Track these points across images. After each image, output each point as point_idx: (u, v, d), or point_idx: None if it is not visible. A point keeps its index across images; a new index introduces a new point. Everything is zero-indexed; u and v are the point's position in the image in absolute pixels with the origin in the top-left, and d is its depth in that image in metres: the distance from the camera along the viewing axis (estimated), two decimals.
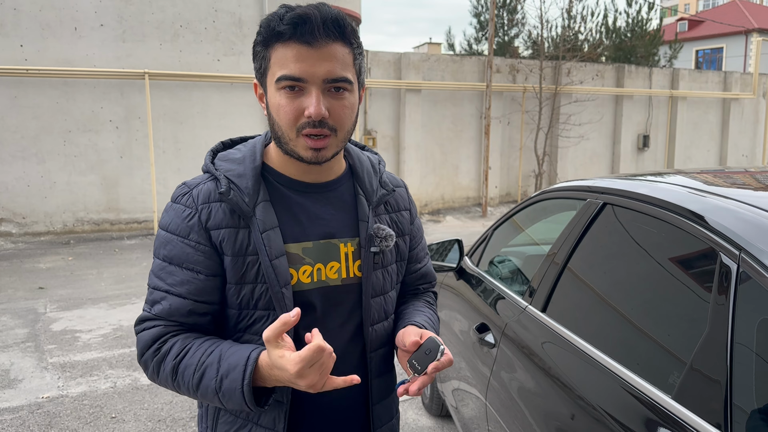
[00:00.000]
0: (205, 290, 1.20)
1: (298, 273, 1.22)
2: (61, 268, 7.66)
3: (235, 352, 1.13)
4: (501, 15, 20.13)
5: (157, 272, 1.21)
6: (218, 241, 1.19)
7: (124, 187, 9.92)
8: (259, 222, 1.20)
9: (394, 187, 1.39)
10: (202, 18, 10.09)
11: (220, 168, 1.24)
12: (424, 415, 3.80)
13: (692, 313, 1.41)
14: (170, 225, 1.21)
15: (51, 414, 3.74)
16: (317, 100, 1.13)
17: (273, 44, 1.14)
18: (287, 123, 1.15)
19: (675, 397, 1.30)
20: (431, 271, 1.54)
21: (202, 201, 1.20)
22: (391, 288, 1.36)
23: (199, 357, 1.14)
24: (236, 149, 1.30)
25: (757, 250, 1.24)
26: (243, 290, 1.20)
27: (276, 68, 1.14)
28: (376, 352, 1.33)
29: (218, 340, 1.19)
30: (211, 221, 1.19)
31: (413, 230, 1.45)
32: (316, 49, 1.12)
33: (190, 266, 1.19)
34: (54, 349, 4.81)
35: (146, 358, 1.19)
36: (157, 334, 1.19)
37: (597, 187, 2.06)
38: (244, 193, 1.20)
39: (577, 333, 1.77)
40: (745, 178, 2.00)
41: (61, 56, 9.27)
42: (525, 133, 13.66)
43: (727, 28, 30.65)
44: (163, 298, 1.20)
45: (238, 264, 1.19)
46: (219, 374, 1.11)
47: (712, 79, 16.22)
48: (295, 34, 1.11)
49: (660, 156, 15.63)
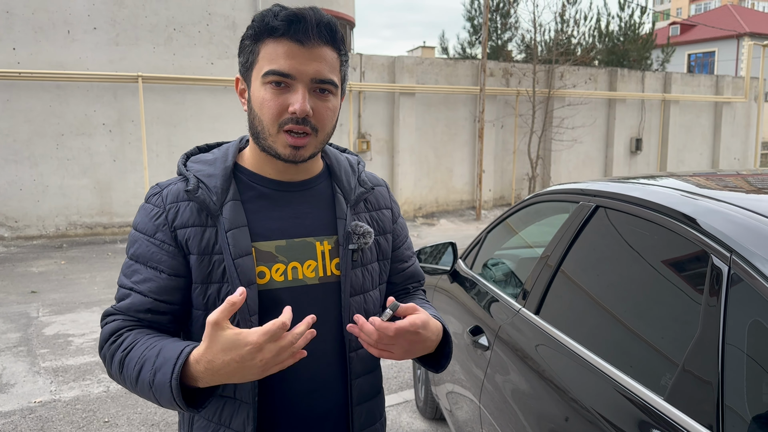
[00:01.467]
0: (166, 289, 1.19)
1: (271, 271, 1.21)
2: (53, 272, 7.62)
3: (173, 347, 1.09)
4: (494, 19, 20.19)
5: (125, 270, 1.23)
6: (184, 240, 1.19)
7: (118, 191, 9.89)
8: (226, 221, 1.19)
9: (373, 186, 1.38)
10: (196, 21, 10.08)
11: (191, 169, 1.25)
12: (418, 418, 3.80)
13: (684, 315, 1.41)
14: (139, 224, 1.22)
15: (43, 419, 3.72)
16: (303, 98, 1.14)
17: (264, 39, 1.15)
18: (270, 117, 1.16)
19: (667, 399, 1.31)
20: (419, 270, 1.53)
21: (171, 200, 1.21)
22: (372, 287, 1.34)
23: (141, 351, 1.12)
24: (211, 152, 1.31)
25: (747, 252, 1.25)
26: (209, 290, 1.19)
27: (264, 63, 1.15)
28: (356, 352, 1.29)
29: (166, 336, 1.17)
30: (177, 220, 1.20)
31: (396, 229, 1.44)
32: (308, 48, 1.14)
33: (154, 265, 1.19)
34: (46, 354, 4.79)
35: (104, 351, 1.19)
36: (115, 327, 1.19)
37: (589, 190, 2.07)
38: (212, 191, 1.20)
39: (570, 335, 1.78)
40: (737, 180, 2.02)
41: (54, 59, 9.25)
42: (519, 137, 13.69)
43: (719, 32, 30.84)
44: (126, 296, 1.20)
45: (204, 263, 1.19)
46: (153, 368, 1.08)
47: (704, 83, 16.32)
48: (288, 31, 1.13)
49: (653, 159, 15.70)
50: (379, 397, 1.40)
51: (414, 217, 12.38)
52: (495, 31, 20.25)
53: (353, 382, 1.29)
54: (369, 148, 11.92)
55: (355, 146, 11.73)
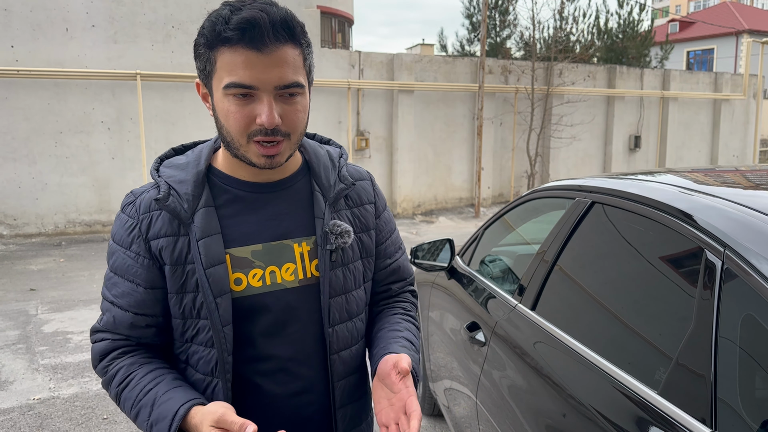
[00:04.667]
0: (144, 303, 1.18)
1: (248, 277, 1.18)
2: (52, 269, 7.63)
3: (167, 400, 1.11)
4: (493, 16, 20.18)
5: (106, 282, 1.22)
6: (157, 251, 1.17)
7: (116, 189, 9.89)
8: (197, 229, 1.16)
9: (354, 181, 1.32)
10: (194, 19, 10.07)
11: (163, 174, 1.21)
12: None
13: (679, 310, 1.42)
14: (115, 235, 1.21)
15: (42, 415, 3.72)
16: (270, 109, 1.08)
17: (218, 47, 1.07)
18: (237, 130, 1.10)
19: (661, 393, 1.32)
20: (405, 267, 1.46)
21: (143, 210, 1.18)
22: (356, 286, 1.30)
23: (137, 394, 1.14)
24: (184, 155, 1.26)
25: (741, 247, 1.26)
26: (184, 299, 1.17)
27: (223, 73, 1.07)
28: (339, 354, 1.26)
29: (159, 374, 1.17)
30: (151, 231, 1.17)
31: (380, 224, 1.38)
32: (266, 54, 1.05)
33: (131, 278, 1.18)
34: (45, 351, 4.79)
35: (97, 371, 1.23)
36: (104, 349, 1.21)
37: (586, 186, 2.07)
38: (183, 199, 1.16)
39: (565, 331, 1.79)
40: (735, 176, 2.02)
41: (52, 57, 9.24)
42: (517, 134, 13.70)
43: (718, 29, 30.85)
44: (108, 309, 1.20)
45: (177, 273, 1.16)
46: (150, 419, 1.11)
47: (703, 80, 16.33)
48: (242, 39, 1.04)
49: (651, 156, 15.71)
50: (365, 398, 1.38)
51: (413, 215, 12.39)
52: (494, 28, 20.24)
53: (335, 384, 1.27)
54: (368, 146, 11.92)
55: (353, 144, 11.73)
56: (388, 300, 1.45)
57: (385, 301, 1.44)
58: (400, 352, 1.23)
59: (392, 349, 1.24)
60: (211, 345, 1.17)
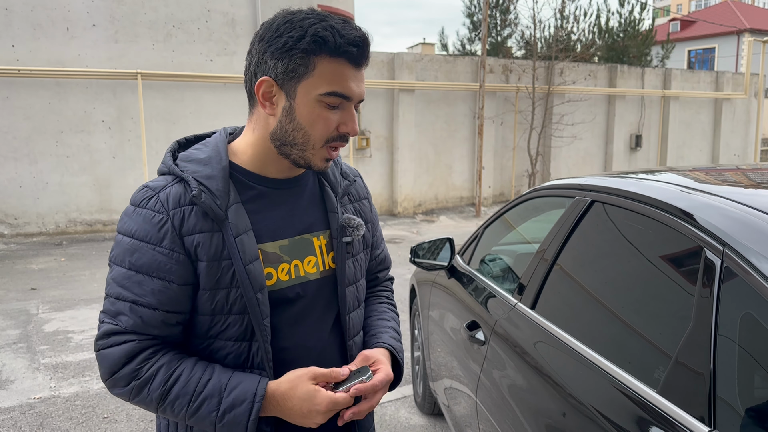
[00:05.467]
0: (177, 300, 1.16)
1: (277, 271, 1.22)
2: (53, 269, 7.63)
3: (238, 384, 1.14)
4: (494, 15, 20.17)
5: (121, 281, 1.15)
6: (192, 247, 1.15)
7: (117, 188, 9.90)
8: (232, 226, 1.16)
9: (354, 178, 1.42)
10: (195, 18, 10.08)
11: (185, 169, 1.19)
12: (416, 414, 3.81)
13: (679, 309, 1.42)
14: (137, 231, 1.15)
15: (43, 414, 3.73)
16: (355, 119, 1.18)
17: (321, 54, 1.12)
18: (321, 135, 1.17)
19: (660, 392, 1.32)
20: (388, 255, 1.59)
21: (173, 205, 1.15)
22: (361, 276, 1.40)
23: (194, 387, 1.14)
24: (197, 149, 1.25)
25: (740, 245, 1.26)
26: (217, 296, 1.17)
27: (323, 81, 1.13)
28: (354, 339, 1.36)
29: (205, 366, 1.18)
30: (184, 227, 1.15)
31: (372, 218, 1.48)
32: (358, 71, 1.16)
33: (162, 275, 1.14)
34: (46, 350, 4.80)
35: (119, 377, 1.14)
36: (131, 351, 1.14)
37: (585, 184, 2.07)
38: (215, 195, 1.16)
39: (565, 329, 1.79)
40: (736, 175, 2.02)
41: (53, 56, 9.25)
42: (518, 133, 13.69)
43: (719, 28, 30.81)
44: (130, 309, 1.14)
45: (213, 269, 1.16)
46: (221, 408, 1.12)
47: (704, 79, 16.31)
48: (351, 54, 1.13)
49: (652, 156, 15.70)
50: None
51: (414, 214, 12.39)
52: (494, 27, 20.23)
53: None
54: (368, 145, 11.92)
55: (354, 143, 11.73)
56: (374, 288, 1.56)
57: (371, 290, 1.55)
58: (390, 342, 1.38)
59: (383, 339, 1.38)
60: (242, 339, 1.19)
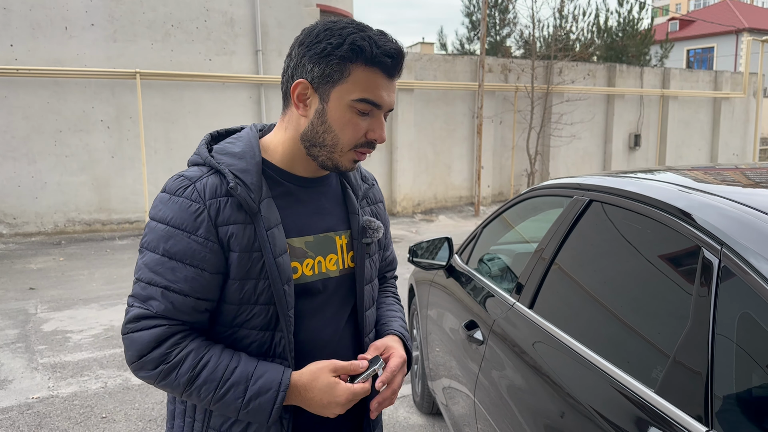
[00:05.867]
0: (208, 288, 1.20)
1: (302, 266, 1.28)
2: (52, 268, 7.62)
3: (264, 373, 1.19)
4: (493, 15, 20.17)
5: (154, 267, 1.18)
6: (226, 237, 1.19)
7: (116, 188, 9.89)
8: (264, 219, 1.21)
9: (373, 182, 1.49)
10: (194, 17, 10.07)
11: (221, 162, 1.23)
12: (415, 413, 3.81)
13: (677, 308, 1.42)
14: (173, 219, 1.18)
15: (41, 414, 3.73)
16: (383, 128, 1.24)
17: (357, 62, 1.17)
18: (350, 139, 1.22)
19: (658, 392, 1.31)
20: (395, 257, 1.67)
21: (210, 196, 1.19)
22: (375, 275, 1.46)
23: (221, 374, 1.18)
24: (230, 143, 1.29)
25: (738, 245, 1.25)
26: (246, 285, 1.21)
27: (356, 88, 1.18)
28: (369, 336, 1.43)
29: (232, 353, 1.22)
30: (220, 217, 1.19)
31: (385, 221, 1.53)
32: (391, 81, 1.22)
33: (196, 263, 1.18)
34: (44, 350, 4.80)
35: (148, 360, 1.17)
36: (161, 335, 1.17)
37: (584, 184, 2.07)
38: (250, 189, 1.21)
39: (563, 329, 1.79)
40: (735, 175, 2.02)
41: (52, 56, 9.24)
42: (517, 133, 13.69)
43: (718, 27, 30.82)
44: (162, 295, 1.17)
45: (244, 260, 1.20)
46: (247, 395, 1.17)
47: (703, 79, 16.32)
48: (386, 65, 1.19)
49: (651, 155, 15.71)
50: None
51: (413, 213, 12.39)
52: (494, 26, 20.23)
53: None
54: None
55: None
56: (381, 285, 1.64)
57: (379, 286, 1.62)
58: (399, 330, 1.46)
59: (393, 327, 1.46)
60: (266, 329, 1.24)
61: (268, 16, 10.64)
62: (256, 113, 10.69)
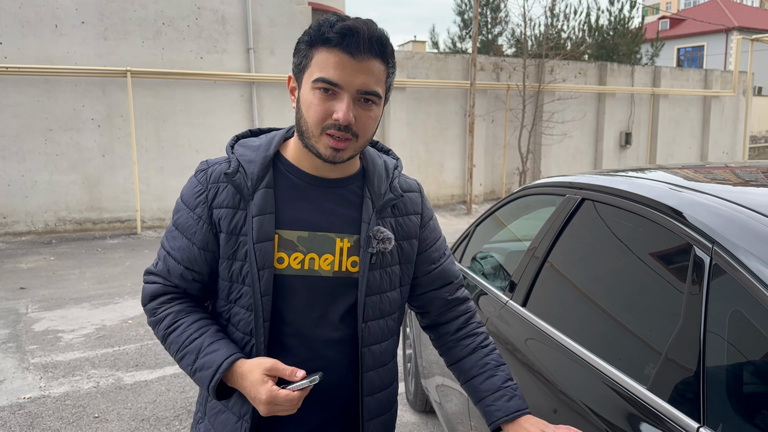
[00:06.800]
0: (195, 260, 1.33)
1: (289, 258, 1.30)
2: (42, 268, 7.58)
3: (212, 351, 1.27)
4: (485, 13, 20.20)
5: (167, 233, 1.37)
6: (218, 219, 1.31)
7: (107, 186, 9.84)
8: (254, 207, 1.29)
9: (402, 193, 1.42)
10: (185, 15, 10.02)
11: (236, 152, 1.35)
12: (408, 411, 3.82)
13: (669, 306, 1.43)
14: (184, 195, 1.35)
15: (33, 414, 3.71)
16: (347, 107, 1.21)
17: (318, 46, 1.22)
18: (315, 121, 1.23)
19: (650, 389, 1.33)
20: (448, 270, 1.52)
21: (213, 180, 1.32)
22: (391, 288, 1.40)
23: (183, 340, 1.31)
24: (257, 138, 1.40)
25: (729, 243, 1.27)
26: (233, 266, 1.31)
27: (315, 69, 1.22)
28: (369, 348, 1.37)
29: (203, 324, 1.32)
30: (216, 200, 1.31)
31: (424, 233, 1.47)
32: (357, 61, 1.20)
33: (189, 236, 1.33)
34: (36, 350, 4.77)
35: (146, 309, 1.38)
36: (155, 291, 1.36)
37: (576, 182, 2.08)
38: (248, 177, 1.30)
39: (556, 327, 1.80)
40: (725, 173, 2.04)
41: (42, 54, 9.18)
42: (509, 131, 13.73)
43: (708, 26, 30.99)
44: (164, 258, 1.36)
45: (230, 242, 1.30)
46: (194, 365, 1.28)
47: (693, 77, 16.41)
48: (341, 43, 1.19)
49: (642, 153, 15.78)
50: (392, 387, 1.48)
51: None
52: (485, 25, 20.26)
53: (364, 375, 1.37)
54: None
55: None
56: (458, 318, 1.53)
57: (452, 317, 1.52)
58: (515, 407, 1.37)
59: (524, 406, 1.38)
60: (251, 309, 1.30)
61: (259, 14, 10.60)
62: (247, 111, 10.66)
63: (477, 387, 1.42)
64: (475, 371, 1.44)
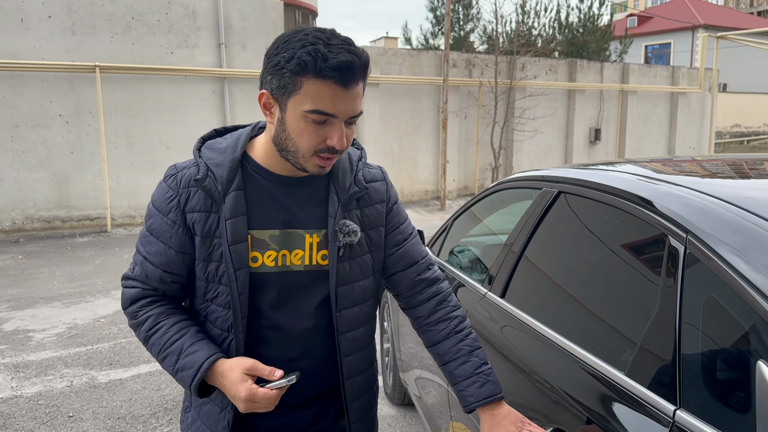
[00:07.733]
0: (173, 263, 1.36)
1: (263, 257, 1.35)
2: (10, 267, 7.43)
3: (193, 352, 1.31)
4: (457, 10, 20.28)
5: (141, 238, 1.40)
6: (191, 223, 1.34)
7: (76, 184, 9.67)
8: (227, 210, 1.31)
9: (366, 186, 1.44)
10: (155, 10, 9.89)
11: (203, 156, 1.36)
12: (386, 404, 3.84)
13: (644, 295, 1.47)
14: (155, 201, 1.37)
15: (5, 415, 3.64)
16: (342, 135, 1.25)
17: (308, 75, 1.19)
18: (308, 147, 1.26)
19: (628, 374, 1.37)
20: (413, 250, 1.54)
21: (183, 185, 1.34)
22: (363, 277, 1.44)
23: (165, 341, 1.34)
24: (224, 139, 1.41)
25: (702, 232, 1.31)
26: (209, 267, 1.35)
27: (307, 99, 1.21)
28: (345, 335, 1.42)
29: (184, 326, 1.36)
30: (188, 205, 1.34)
31: (390, 218, 1.51)
32: (348, 90, 1.22)
33: (165, 240, 1.35)
34: (6, 350, 4.68)
35: (127, 313, 1.41)
36: (134, 296, 1.39)
37: (552, 176, 2.12)
38: (218, 181, 1.32)
39: (534, 317, 1.83)
40: (693, 166, 2.09)
41: (7, 48, 8.97)
42: (482, 127, 13.82)
43: (675, 24, 31.56)
44: (141, 263, 1.38)
45: (205, 244, 1.34)
46: (176, 366, 1.32)
47: (661, 74, 16.71)
48: (336, 78, 1.19)
49: (611, 149, 16.03)
50: (372, 369, 1.55)
51: None
52: (457, 22, 20.35)
53: (342, 361, 1.43)
54: None
55: None
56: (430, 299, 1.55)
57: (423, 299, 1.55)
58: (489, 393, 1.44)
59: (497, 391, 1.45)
60: (228, 307, 1.35)
61: (231, 9, 10.50)
62: (219, 107, 10.56)
63: (451, 372, 1.48)
64: (449, 357, 1.48)
